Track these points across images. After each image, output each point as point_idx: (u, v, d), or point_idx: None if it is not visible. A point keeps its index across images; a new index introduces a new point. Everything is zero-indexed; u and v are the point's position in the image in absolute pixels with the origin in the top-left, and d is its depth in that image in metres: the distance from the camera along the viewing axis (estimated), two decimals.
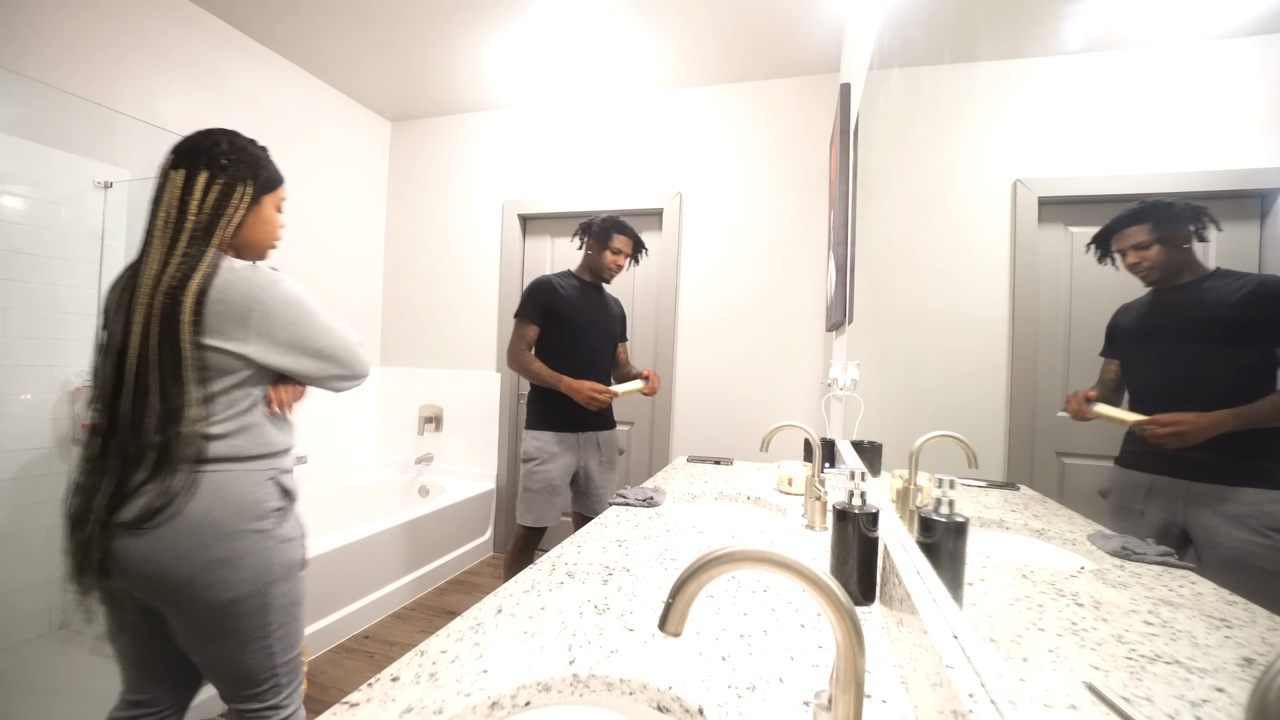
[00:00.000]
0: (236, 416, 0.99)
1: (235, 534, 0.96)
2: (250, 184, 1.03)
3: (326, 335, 1.07)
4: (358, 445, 3.30)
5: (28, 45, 1.87)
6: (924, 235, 0.86)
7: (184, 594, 0.93)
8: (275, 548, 1.01)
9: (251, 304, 0.97)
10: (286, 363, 1.02)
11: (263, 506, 1.00)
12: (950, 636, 0.51)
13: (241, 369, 0.98)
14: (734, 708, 0.57)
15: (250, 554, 0.98)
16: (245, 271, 0.98)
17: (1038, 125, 0.50)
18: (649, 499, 1.35)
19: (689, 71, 2.79)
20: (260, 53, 2.67)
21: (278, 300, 1.00)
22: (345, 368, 1.10)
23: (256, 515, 0.98)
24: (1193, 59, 0.33)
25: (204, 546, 0.93)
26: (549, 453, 1.98)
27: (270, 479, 1.02)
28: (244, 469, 0.99)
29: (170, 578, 0.92)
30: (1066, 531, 0.42)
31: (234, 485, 0.97)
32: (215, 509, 0.95)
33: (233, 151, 1.02)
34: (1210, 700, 0.27)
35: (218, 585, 0.95)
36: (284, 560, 1.03)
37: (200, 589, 0.94)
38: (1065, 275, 0.42)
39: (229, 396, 0.98)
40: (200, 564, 0.93)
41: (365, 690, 0.57)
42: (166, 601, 0.95)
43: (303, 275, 2.90)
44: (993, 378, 0.52)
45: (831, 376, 1.88)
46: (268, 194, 1.08)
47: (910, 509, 0.80)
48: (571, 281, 2.07)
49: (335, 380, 1.11)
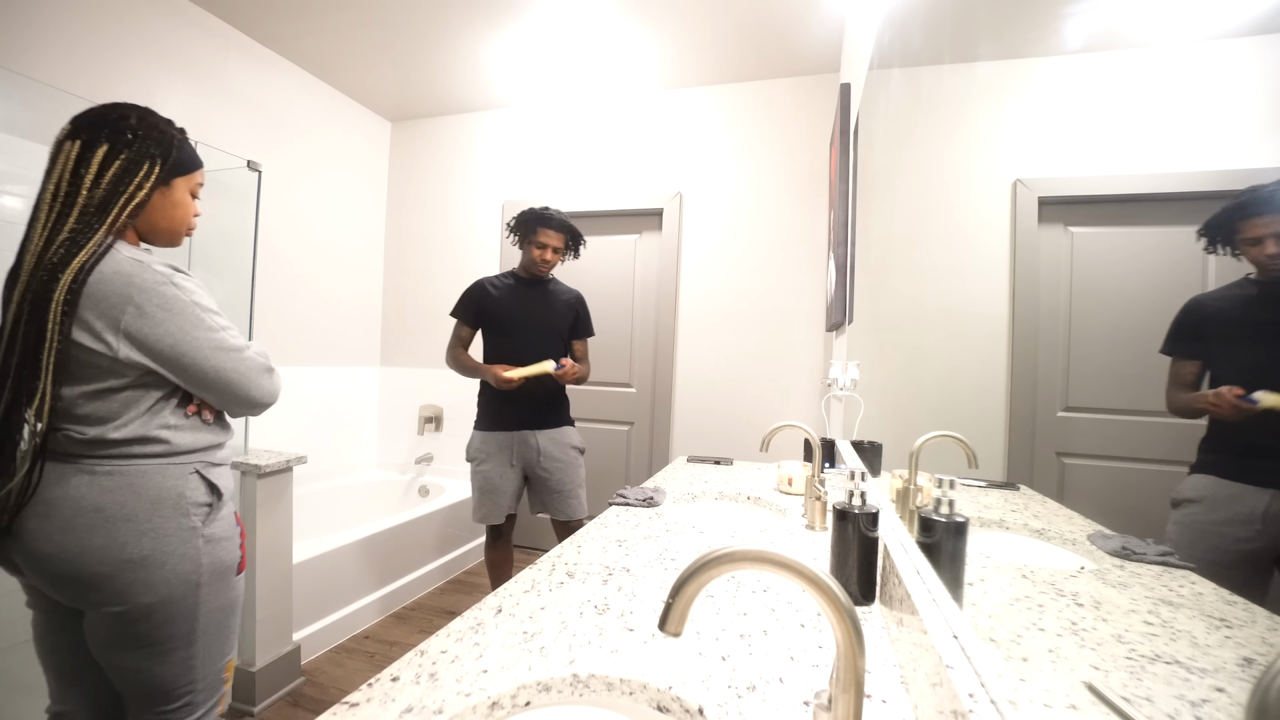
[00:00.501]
0: (142, 417, 0.91)
1: (156, 531, 0.89)
2: (159, 162, 0.93)
3: (214, 354, 0.94)
4: (358, 445, 3.30)
5: (28, 45, 1.87)
6: (924, 235, 0.86)
7: (100, 593, 0.87)
8: (203, 548, 0.94)
9: (125, 302, 0.86)
10: (166, 375, 0.92)
11: (185, 500, 0.92)
12: (950, 636, 0.51)
13: (123, 371, 0.89)
14: (734, 708, 0.57)
15: (174, 554, 0.90)
16: (130, 264, 0.88)
17: (1038, 125, 0.50)
18: (649, 499, 1.35)
19: (689, 71, 2.79)
20: (260, 53, 2.67)
21: (156, 303, 0.88)
22: (231, 397, 0.98)
23: (179, 510, 0.91)
24: (1193, 59, 0.33)
25: (119, 544, 0.87)
26: (485, 452, 2.01)
27: (194, 472, 0.95)
28: (161, 463, 0.92)
29: (85, 576, 0.86)
30: (1066, 531, 0.42)
31: (150, 479, 0.90)
32: (130, 503, 0.88)
33: (141, 127, 0.93)
34: (1210, 700, 0.27)
35: (137, 586, 0.88)
36: (214, 562, 0.95)
37: (119, 589, 0.87)
38: (1065, 275, 0.42)
39: (123, 396, 0.89)
40: (117, 562, 0.86)
41: (365, 690, 0.57)
42: (82, 601, 0.88)
43: (302, 275, 2.90)
44: (993, 378, 0.52)
45: (831, 376, 1.88)
46: (180, 176, 0.98)
47: (910, 509, 0.80)
48: (506, 281, 2.07)
49: (224, 408, 1.00)
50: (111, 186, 0.89)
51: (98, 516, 0.86)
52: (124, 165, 0.90)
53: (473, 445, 2.05)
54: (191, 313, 0.92)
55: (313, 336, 3.00)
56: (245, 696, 1.73)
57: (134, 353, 0.88)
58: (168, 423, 0.93)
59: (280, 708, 1.77)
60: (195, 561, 0.93)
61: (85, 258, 0.85)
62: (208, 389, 0.96)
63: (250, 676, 1.73)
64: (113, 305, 0.86)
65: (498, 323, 2.02)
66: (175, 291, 0.90)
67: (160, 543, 0.89)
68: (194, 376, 0.93)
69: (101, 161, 0.89)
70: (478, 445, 2.04)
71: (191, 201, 1.02)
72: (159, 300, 0.89)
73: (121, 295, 0.86)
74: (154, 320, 0.88)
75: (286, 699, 1.81)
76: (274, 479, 1.79)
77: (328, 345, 3.09)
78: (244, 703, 1.73)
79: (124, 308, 0.86)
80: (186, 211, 1.01)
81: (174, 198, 0.98)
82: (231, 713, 1.73)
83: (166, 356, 0.90)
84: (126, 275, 0.87)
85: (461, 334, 2.05)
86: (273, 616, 1.80)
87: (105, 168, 0.89)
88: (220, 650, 0.99)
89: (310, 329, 2.98)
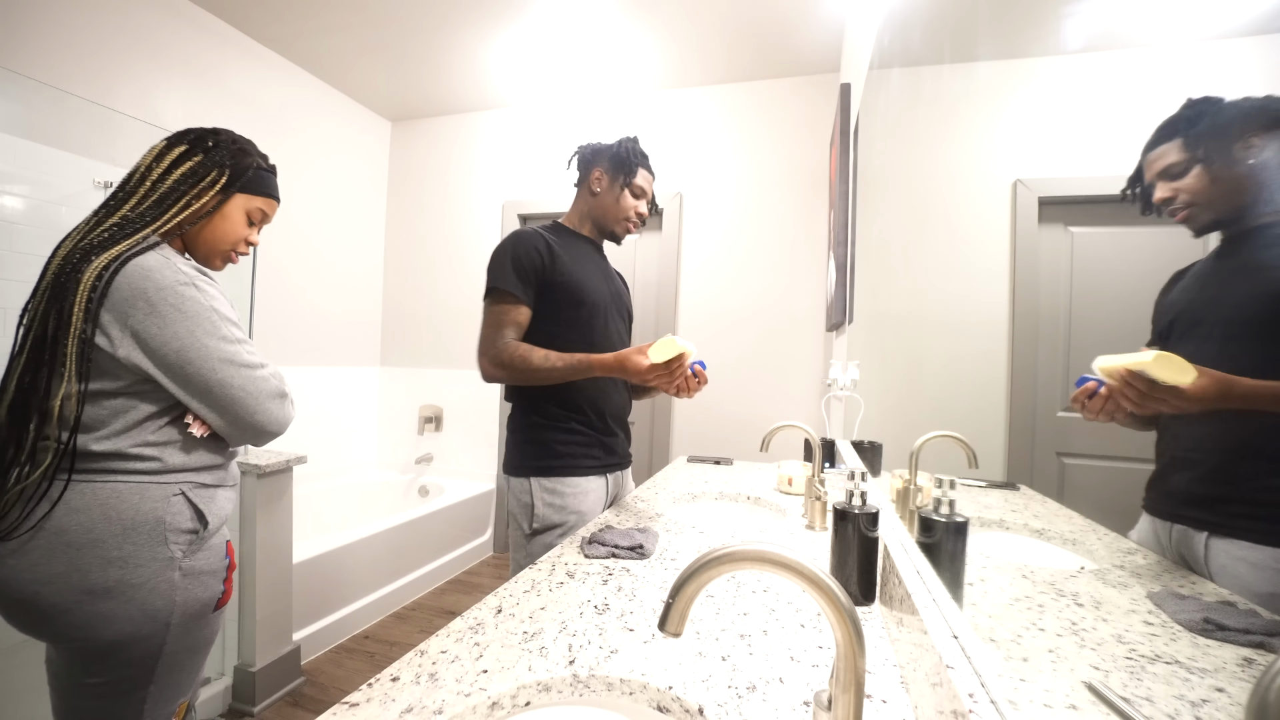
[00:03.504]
0: (129, 430, 0.82)
1: (125, 560, 0.78)
2: (226, 172, 0.90)
3: (222, 367, 0.84)
4: (358, 445, 3.30)
5: (28, 45, 1.87)
6: (924, 235, 0.86)
7: (53, 626, 0.77)
8: (179, 582, 0.82)
9: (138, 297, 0.79)
10: (166, 384, 0.82)
11: (164, 527, 0.81)
12: (950, 636, 0.51)
13: (118, 374, 0.81)
14: (734, 708, 0.57)
15: (144, 587, 0.79)
16: (155, 259, 0.82)
17: (1038, 125, 0.50)
18: (638, 547, 0.98)
19: (689, 71, 2.79)
20: (260, 53, 2.67)
21: (171, 301, 0.81)
22: (233, 418, 0.87)
23: (155, 538, 0.80)
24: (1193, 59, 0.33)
25: (80, 572, 0.76)
26: (578, 512, 1.24)
27: (179, 494, 0.84)
28: (139, 481, 0.81)
29: (41, 606, 0.76)
30: (1066, 531, 0.42)
31: (125, 500, 0.79)
32: (97, 527, 0.77)
33: (224, 139, 0.92)
34: (1210, 700, 0.27)
35: (98, 622, 0.77)
36: (189, 599, 0.84)
37: (75, 623, 0.76)
38: (1065, 275, 0.42)
39: (113, 403, 0.81)
40: (76, 593, 0.76)
41: (365, 690, 0.57)
42: (35, 633, 0.79)
43: (302, 275, 2.90)
44: (993, 378, 0.52)
45: (831, 376, 1.88)
46: (244, 193, 0.94)
47: (910, 509, 0.80)
48: (569, 238, 1.32)
49: (224, 431, 0.88)
50: (176, 184, 0.87)
51: (58, 540, 0.76)
52: (194, 167, 0.88)
53: (557, 502, 1.23)
54: (207, 318, 0.84)
55: (313, 336, 3.00)
56: (245, 696, 1.73)
57: (135, 353, 0.80)
58: (157, 439, 0.84)
59: (280, 708, 1.77)
60: (167, 598, 0.81)
61: (125, 248, 0.80)
62: (209, 405, 0.85)
63: (250, 676, 1.73)
64: (125, 299, 0.79)
65: (577, 294, 1.25)
66: (194, 293, 0.84)
67: (129, 573, 0.79)
68: (196, 388, 0.84)
69: (176, 159, 0.88)
70: (569, 502, 1.23)
71: (244, 224, 0.96)
72: (174, 299, 0.82)
73: (136, 290, 0.80)
74: (164, 319, 0.81)
75: (286, 699, 1.81)
76: (274, 479, 1.79)
77: (328, 345, 3.09)
78: (244, 703, 1.73)
79: (135, 303, 0.80)
80: (234, 229, 0.95)
81: (228, 212, 0.93)
82: (231, 713, 1.73)
83: (170, 362, 0.82)
84: (147, 269, 0.81)
85: (514, 317, 1.21)
86: (273, 616, 1.80)
87: (177, 165, 0.88)
88: (175, 693, 0.87)
89: (310, 329, 2.98)
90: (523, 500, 1.26)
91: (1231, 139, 0.21)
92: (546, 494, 1.24)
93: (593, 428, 1.30)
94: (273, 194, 0.99)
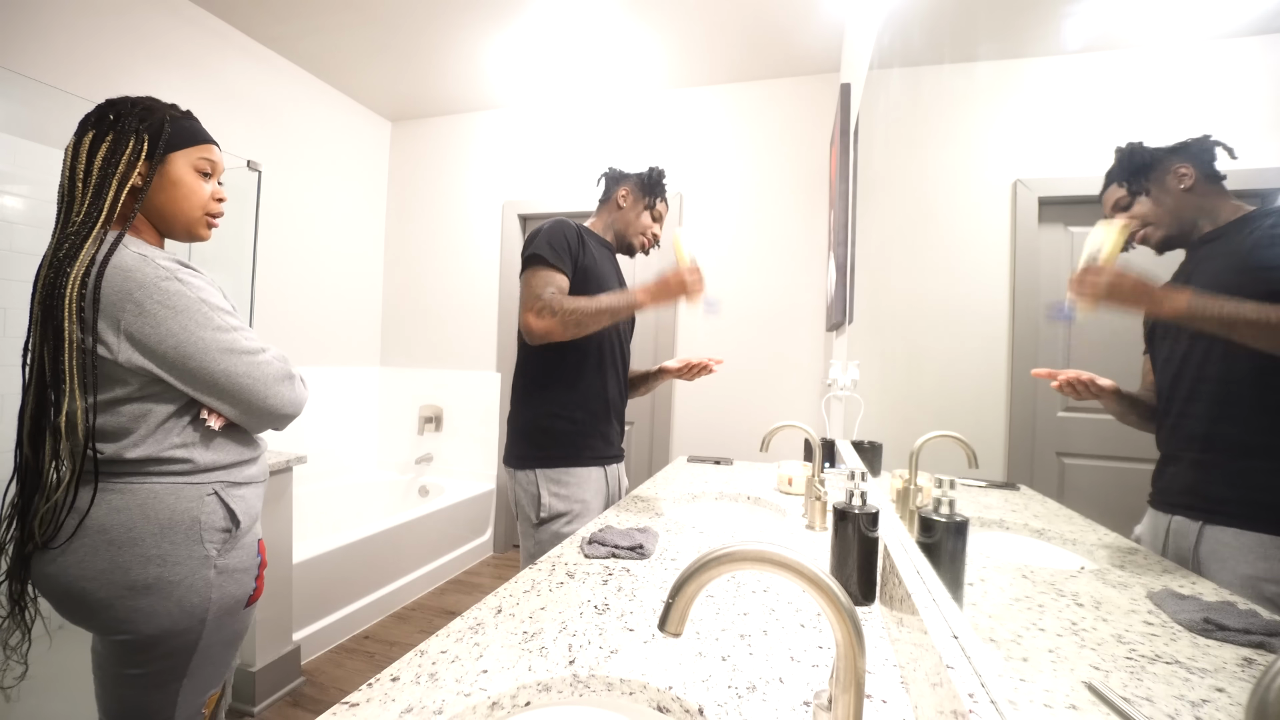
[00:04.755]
0: (154, 434, 0.84)
1: (164, 558, 0.82)
2: (144, 137, 0.85)
3: (224, 357, 0.85)
4: (358, 445, 3.30)
5: (28, 45, 1.87)
6: (924, 235, 0.86)
7: (98, 620, 0.82)
8: (215, 580, 0.86)
9: (124, 299, 0.79)
10: (173, 382, 0.84)
11: (199, 526, 0.85)
12: (950, 636, 0.51)
13: (126, 379, 0.82)
14: (734, 708, 0.57)
15: (182, 584, 0.83)
16: (132, 258, 0.81)
17: (1038, 125, 0.50)
18: (638, 546, 1.00)
19: (689, 71, 2.79)
20: (260, 53, 2.67)
21: (157, 299, 0.81)
22: (245, 407, 0.88)
23: (191, 537, 0.84)
24: (1194, 59, 0.33)
25: (122, 569, 0.80)
26: (582, 500, 1.31)
27: (212, 494, 0.87)
28: (175, 482, 0.84)
29: (87, 600, 0.81)
30: (1066, 531, 0.42)
31: (162, 500, 0.83)
32: (137, 526, 0.81)
33: (124, 108, 0.87)
34: (1210, 700, 0.27)
35: (139, 617, 0.81)
36: (224, 596, 0.88)
37: (118, 617, 0.81)
38: (1065, 275, 0.42)
39: (129, 409, 0.83)
40: (119, 589, 0.80)
41: (365, 690, 0.57)
42: (83, 625, 0.84)
43: (302, 275, 2.90)
44: (993, 378, 0.52)
45: (831, 376, 1.88)
46: (176, 150, 0.89)
47: (910, 509, 0.80)
48: (594, 239, 1.42)
49: (240, 420, 0.90)
50: (101, 172, 0.83)
51: (101, 538, 0.80)
52: (110, 147, 0.83)
53: (562, 491, 1.30)
54: (198, 310, 0.84)
55: (313, 336, 3.00)
56: (245, 696, 1.73)
57: (136, 356, 0.81)
58: (185, 440, 0.86)
59: (280, 708, 1.77)
60: (203, 595, 0.85)
61: (92, 250, 0.79)
62: (219, 397, 0.87)
63: (250, 676, 1.73)
64: (113, 304, 0.79)
65: (597, 285, 1.35)
66: (180, 287, 0.82)
67: (167, 571, 0.82)
68: (202, 382, 0.85)
69: (89, 149, 0.83)
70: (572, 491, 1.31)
71: (199, 181, 0.92)
72: (160, 296, 0.81)
73: (120, 292, 0.79)
74: (155, 319, 0.80)
75: (286, 699, 1.81)
76: (274, 479, 1.79)
77: (328, 345, 3.09)
78: (244, 703, 1.73)
79: (124, 305, 0.79)
80: (191, 191, 0.90)
81: (173, 176, 0.88)
82: (232, 712, 1.73)
83: (170, 360, 0.82)
84: (126, 270, 0.80)
85: (556, 280, 1.27)
86: (273, 616, 1.80)
87: (93, 154, 0.83)
88: (207, 685, 0.91)
89: (310, 329, 2.98)
90: (529, 491, 1.33)
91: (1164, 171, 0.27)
92: (552, 484, 1.31)
93: (595, 416, 1.38)
94: (204, 139, 0.94)
